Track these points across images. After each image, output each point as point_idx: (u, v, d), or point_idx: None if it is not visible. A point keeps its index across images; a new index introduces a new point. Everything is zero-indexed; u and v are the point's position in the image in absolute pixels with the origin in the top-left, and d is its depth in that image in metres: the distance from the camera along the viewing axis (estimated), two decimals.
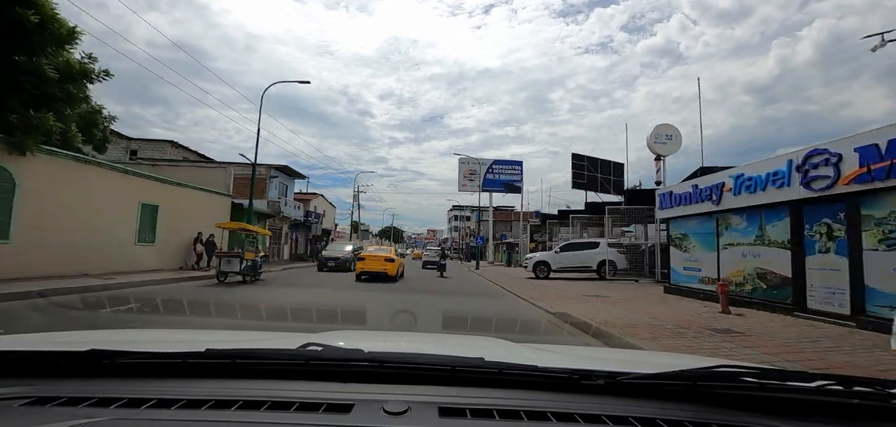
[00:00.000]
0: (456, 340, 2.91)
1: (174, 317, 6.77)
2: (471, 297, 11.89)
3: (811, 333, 6.64)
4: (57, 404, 0.83)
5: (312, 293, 11.06)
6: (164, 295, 8.61)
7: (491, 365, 1.02)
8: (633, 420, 0.86)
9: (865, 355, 5.26)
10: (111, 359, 0.97)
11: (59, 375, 0.95)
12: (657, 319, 7.63)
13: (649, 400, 0.94)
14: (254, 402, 0.85)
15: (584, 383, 0.98)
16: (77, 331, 1.76)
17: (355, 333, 2.46)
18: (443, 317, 6.71)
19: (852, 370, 4.59)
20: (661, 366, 1.23)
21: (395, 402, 0.86)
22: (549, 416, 0.86)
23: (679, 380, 0.97)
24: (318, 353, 1.04)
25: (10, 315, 6.53)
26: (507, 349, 1.65)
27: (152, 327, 5.88)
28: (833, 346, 5.73)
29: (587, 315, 7.81)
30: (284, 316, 6.80)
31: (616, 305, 9.64)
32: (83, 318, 6.59)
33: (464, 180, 48.95)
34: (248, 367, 1.02)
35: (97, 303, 7.53)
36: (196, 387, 0.93)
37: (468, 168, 48.86)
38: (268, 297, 9.68)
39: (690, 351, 5.22)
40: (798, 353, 5.27)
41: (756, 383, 0.93)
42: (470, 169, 48.72)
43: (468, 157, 50.14)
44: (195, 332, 2.55)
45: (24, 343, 1.21)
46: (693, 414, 0.89)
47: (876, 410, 0.89)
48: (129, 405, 0.84)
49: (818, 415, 0.89)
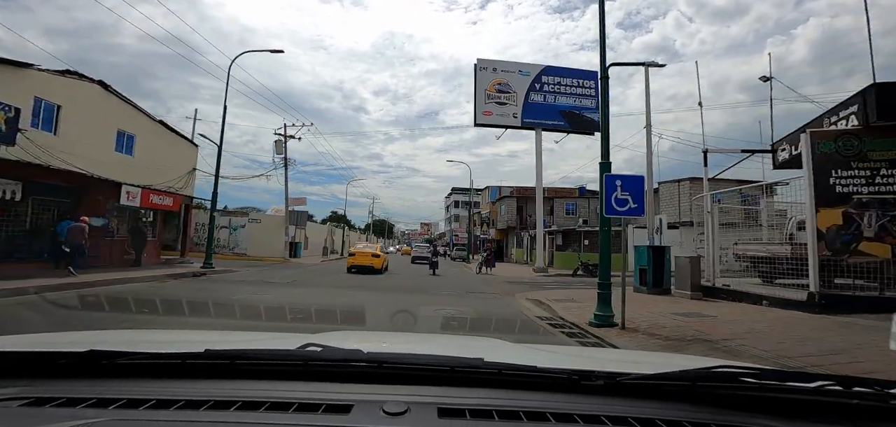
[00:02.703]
0: (455, 341, 2.95)
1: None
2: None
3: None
4: (55, 405, 0.83)
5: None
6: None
7: (490, 365, 1.02)
8: (633, 420, 0.86)
9: None
10: (110, 359, 0.97)
11: (58, 376, 0.96)
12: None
13: (648, 400, 0.94)
14: (253, 402, 0.85)
15: (583, 384, 0.98)
16: (76, 331, 1.80)
17: (354, 334, 2.53)
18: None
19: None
20: (661, 366, 1.23)
21: (395, 403, 0.86)
22: (548, 417, 0.86)
23: (678, 380, 0.97)
24: (317, 354, 1.04)
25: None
26: (506, 349, 1.66)
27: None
28: None
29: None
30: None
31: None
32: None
33: (486, 104, 25.31)
34: (247, 367, 1.01)
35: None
36: (195, 387, 0.92)
37: (495, 80, 25.34)
38: None
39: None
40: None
41: (755, 383, 0.93)
42: (498, 82, 25.29)
43: (497, 62, 25.75)
44: (194, 333, 2.52)
45: (22, 344, 1.19)
46: (692, 414, 0.89)
47: (875, 411, 0.89)
48: (127, 406, 0.84)
49: (817, 415, 0.89)
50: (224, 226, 28.64)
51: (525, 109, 25.28)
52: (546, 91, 25.73)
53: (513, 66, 25.80)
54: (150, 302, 6.67)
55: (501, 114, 25.23)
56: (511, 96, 25.27)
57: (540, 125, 25.21)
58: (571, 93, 25.94)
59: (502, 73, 25.33)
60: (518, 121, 25.01)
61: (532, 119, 25.23)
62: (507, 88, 25.27)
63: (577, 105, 25.92)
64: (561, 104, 25.68)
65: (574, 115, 25.78)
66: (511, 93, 25.25)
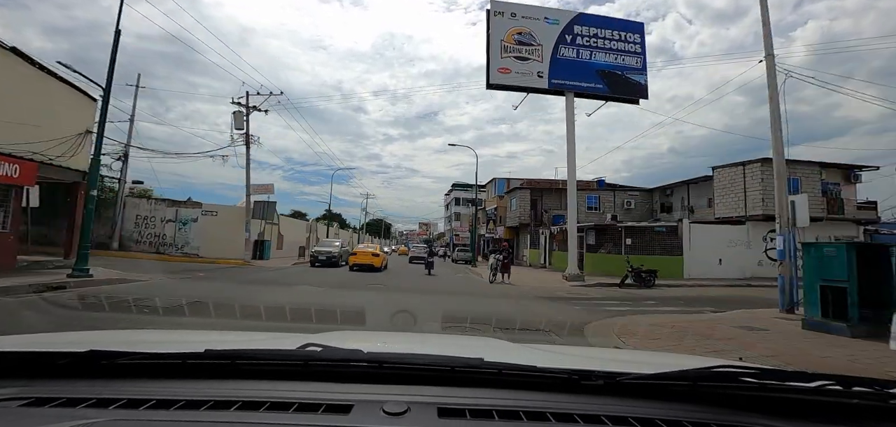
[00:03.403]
0: (455, 340, 2.95)
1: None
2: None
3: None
4: (55, 405, 0.83)
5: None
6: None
7: (490, 365, 1.01)
8: (633, 420, 0.85)
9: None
10: (110, 359, 0.96)
11: (58, 376, 0.95)
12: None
13: (648, 400, 0.93)
14: (253, 402, 0.85)
15: (583, 383, 0.97)
16: (76, 331, 1.76)
17: (354, 334, 2.52)
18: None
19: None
20: (661, 366, 1.21)
21: (395, 403, 0.85)
22: (548, 417, 0.85)
23: (678, 380, 0.97)
24: (317, 354, 1.03)
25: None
26: (506, 349, 1.67)
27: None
28: None
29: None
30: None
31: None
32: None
33: (502, 59, 18.75)
34: (247, 367, 1.00)
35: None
36: (195, 387, 0.92)
37: (514, 28, 19.05)
38: None
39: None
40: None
41: (755, 383, 0.93)
42: (518, 32, 19.00)
43: (516, 5, 19.46)
44: (194, 333, 2.48)
45: (22, 344, 1.17)
46: (692, 414, 0.89)
47: (875, 410, 0.89)
48: (127, 406, 0.83)
49: (817, 415, 0.89)
50: (170, 219, 22.89)
51: (553, 67, 18.53)
52: (580, 45, 18.99)
53: (537, 11, 19.34)
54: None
55: (522, 71, 18.42)
56: (535, 50, 18.54)
57: (572, 88, 18.66)
58: (612, 48, 19.34)
59: (524, 19, 18.79)
60: (544, 81, 18.38)
61: (562, 80, 18.57)
62: (531, 39, 18.65)
63: (620, 64, 19.30)
64: (598, 62, 19.02)
65: (615, 76, 19.17)
66: (535, 45, 18.62)
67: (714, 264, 19.87)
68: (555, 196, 33.66)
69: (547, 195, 33.55)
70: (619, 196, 33.34)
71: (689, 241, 19.83)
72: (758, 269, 20.48)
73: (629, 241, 20.46)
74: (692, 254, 19.78)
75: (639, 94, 19.70)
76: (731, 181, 22.02)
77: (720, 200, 22.67)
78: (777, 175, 9.98)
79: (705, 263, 19.68)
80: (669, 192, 31.98)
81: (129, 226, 22.80)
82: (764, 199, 20.22)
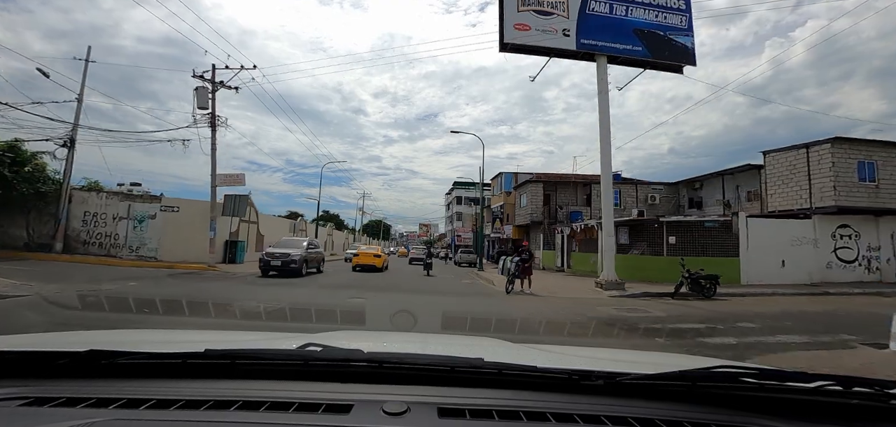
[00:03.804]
0: (455, 341, 2.87)
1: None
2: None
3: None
4: (55, 405, 0.82)
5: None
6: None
7: (490, 365, 1.00)
8: (632, 420, 0.85)
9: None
10: (110, 359, 0.95)
11: (58, 376, 0.94)
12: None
13: (648, 400, 0.92)
14: (253, 402, 0.84)
15: (583, 384, 0.96)
16: (75, 331, 1.71)
17: (354, 333, 2.50)
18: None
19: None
20: (660, 366, 1.19)
21: (395, 403, 0.85)
22: (548, 417, 0.85)
23: (678, 380, 0.95)
24: (317, 354, 1.03)
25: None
26: (506, 349, 1.65)
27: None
28: None
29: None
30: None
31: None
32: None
33: (519, 13, 14.49)
34: (247, 367, 0.99)
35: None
36: (195, 387, 0.91)
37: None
38: None
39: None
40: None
41: (755, 384, 0.91)
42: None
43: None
44: (194, 333, 2.39)
45: (22, 344, 1.16)
46: (692, 414, 0.88)
47: (875, 411, 0.88)
48: (127, 405, 0.83)
49: (817, 415, 0.88)
50: (122, 216, 19.33)
51: (582, 23, 14.66)
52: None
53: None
54: None
55: (544, 28, 14.48)
56: (559, 3, 14.71)
57: (605, 50, 14.77)
58: (652, 3, 15.38)
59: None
60: (571, 40, 14.58)
61: (593, 40, 14.76)
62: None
63: (661, 22, 15.32)
64: (636, 19, 15.06)
65: (656, 36, 15.24)
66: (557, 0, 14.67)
67: (776, 267, 16.28)
68: (570, 190, 30.14)
69: (561, 189, 29.94)
70: (643, 190, 29.75)
71: (746, 238, 16.22)
72: (826, 272, 16.93)
73: (672, 240, 16.84)
74: (750, 254, 16.17)
75: (684, 60, 16.02)
76: (791, 168, 18.36)
77: (775, 191, 19.00)
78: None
79: (765, 266, 16.09)
80: (699, 186, 28.46)
81: (75, 224, 19.25)
82: (836, 187, 16.59)
